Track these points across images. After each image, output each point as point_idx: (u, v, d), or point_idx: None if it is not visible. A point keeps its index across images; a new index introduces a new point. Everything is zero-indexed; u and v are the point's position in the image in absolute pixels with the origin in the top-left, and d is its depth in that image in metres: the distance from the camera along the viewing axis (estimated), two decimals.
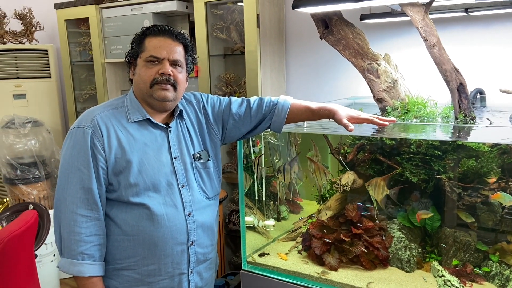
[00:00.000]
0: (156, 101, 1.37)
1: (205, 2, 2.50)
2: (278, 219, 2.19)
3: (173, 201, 1.37)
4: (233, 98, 1.56)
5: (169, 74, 1.35)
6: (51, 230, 2.47)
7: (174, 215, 1.36)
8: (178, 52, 1.38)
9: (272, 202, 2.18)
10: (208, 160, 1.48)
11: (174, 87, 1.37)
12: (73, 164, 1.31)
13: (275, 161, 2.15)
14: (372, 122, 1.40)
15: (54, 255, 2.77)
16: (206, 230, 1.45)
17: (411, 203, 1.84)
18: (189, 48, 1.43)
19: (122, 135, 1.35)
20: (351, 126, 1.36)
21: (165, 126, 1.42)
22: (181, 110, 1.47)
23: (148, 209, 1.33)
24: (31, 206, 2.40)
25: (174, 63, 1.37)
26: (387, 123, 1.39)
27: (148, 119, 1.39)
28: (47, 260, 2.72)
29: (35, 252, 2.14)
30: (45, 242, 2.38)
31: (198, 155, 1.46)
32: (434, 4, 1.67)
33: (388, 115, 1.75)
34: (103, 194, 1.34)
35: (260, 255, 1.92)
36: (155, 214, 1.33)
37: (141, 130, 1.38)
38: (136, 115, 1.39)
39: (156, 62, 1.35)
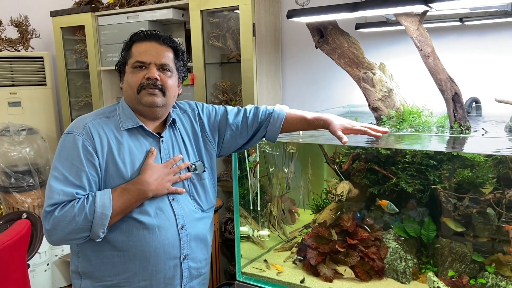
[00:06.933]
0: (145, 107, 1.34)
1: (201, 10, 2.50)
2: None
3: (165, 214, 1.34)
4: (229, 108, 1.54)
5: (156, 79, 1.32)
6: (44, 239, 2.45)
7: (167, 228, 1.33)
8: (166, 56, 1.35)
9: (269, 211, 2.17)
10: (204, 171, 1.46)
11: (163, 91, 1.33)
12: (56, 169, 1.27)
13: (270, 170, 2.14)
14: (365, 132, 1.39)
15: (47, 264, 2.74)
16: (200, 244, 1.41)
17: (406, 212, 1.83)
18: (179, 52, 1.40)
19: (113, 143, 1.32)
20: (345, 138, 1.35)
21: (157, 136, 1.39)
22: (174, 119, 1.44)
23: (140, 222, 1.30)
24: (24, 215, 2.37)
25: (162, 68, 1.34)
26: (380, 134, 1.39)
27: (141, 126, 1.36)
28: (40, 269, 2.69)
29: (28, 262, 2.12)
30: (38, 251, 2.36)
31: (194, 166, 1.43)
32: (428, 13, 1.67)
33: (384, 124, 1.75)
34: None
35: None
36: (147, 228, 1.30)
37: (132, 139, 1.35)
38: (128, 122, 1.36)
39: (143, 68, 1.33)
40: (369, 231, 1.78)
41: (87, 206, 1.21)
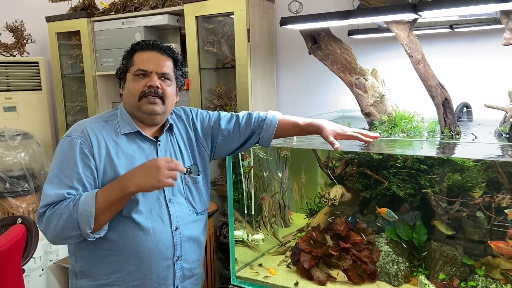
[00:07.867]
0: (145, 115, 1.39)
1: (196, 16, 2.53)
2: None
3: (160, 215, 1.37)
4: (222, 113, 1.58)
5: (157, 87, 1.37)
6: (40, 244, 2.46)
7: (161, 230, 1.36)
8: (167, 65, 1.40)
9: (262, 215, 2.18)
10: (198, 175, 1.50)
11: (163, 100, 1.38)
12: (52, 171, 1.32)
13: (264, 174, 2.16)
14: (356, 138, 1.42)
15: (42, 269, 2.74)
16: (193, 245, 1.45)
17: (398, 216, 1.85)
18: (179, 62, 1.46)
19: (111, 147, 1.35)
20: (337, 144, 1.38)
21: (155, 140, 1.43)
22: (171, 124, 1.48)
23: (135, 223, 1.33)
24: (19, 220, 2.38)
25: (163, 76, 1.39)
26: (371, 139, 1.41)
27: (138, 131, 1.40)
28: (35, 274, 2.69)
29: (23, 267, 2.12)
30: (33, 256, 2.36)
31: (189, 169, 1.47)
32: (419, 20, 1.70)
33: (376, 129, 1.77)
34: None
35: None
36: (142, 229, 1.33)
37: (130, 143, 1.39)
38: (126, 127, 1.40)
39: (145, 76, 1.38)
40: (363, 236, 1.80)
41: (71, 204, 1.26)
